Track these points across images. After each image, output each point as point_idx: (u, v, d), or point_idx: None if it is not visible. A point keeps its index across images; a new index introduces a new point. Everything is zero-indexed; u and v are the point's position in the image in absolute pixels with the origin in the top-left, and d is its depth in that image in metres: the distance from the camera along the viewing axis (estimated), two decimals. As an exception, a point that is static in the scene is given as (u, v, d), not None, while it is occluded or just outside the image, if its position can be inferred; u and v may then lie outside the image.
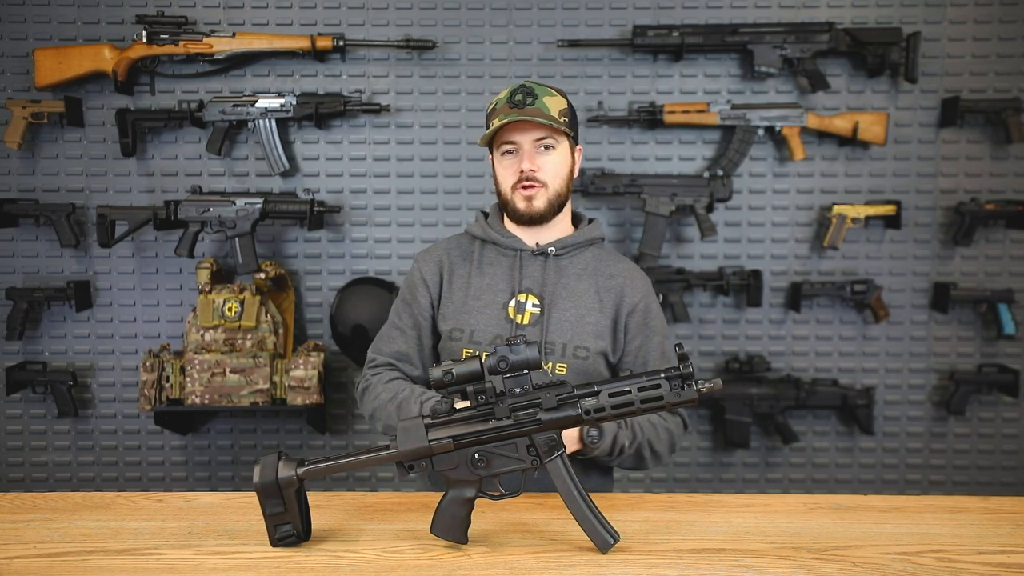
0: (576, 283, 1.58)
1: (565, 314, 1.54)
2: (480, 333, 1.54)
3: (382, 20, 2.56)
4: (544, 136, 1.51)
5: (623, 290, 1.58)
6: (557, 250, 1.58)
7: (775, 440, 2.67)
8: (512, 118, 1.47)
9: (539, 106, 1.49)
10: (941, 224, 2.62)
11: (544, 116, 1.48)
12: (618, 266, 1.62)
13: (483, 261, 1.60)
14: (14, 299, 2.56)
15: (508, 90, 1.53)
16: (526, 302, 1.55)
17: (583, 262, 1.60)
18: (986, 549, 1.21)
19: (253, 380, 2.44)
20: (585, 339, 1.54)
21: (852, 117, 2.51)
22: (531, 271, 1.57)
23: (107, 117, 2.57)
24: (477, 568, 1.14)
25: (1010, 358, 2.64)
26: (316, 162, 2.61)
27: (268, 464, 1.19)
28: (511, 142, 1.52)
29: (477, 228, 1.64)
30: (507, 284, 1.57)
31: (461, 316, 1.56)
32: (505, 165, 1.55)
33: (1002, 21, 2.55)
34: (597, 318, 1.56)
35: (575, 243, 1.60)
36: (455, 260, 1.62)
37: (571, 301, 1.56)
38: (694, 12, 2.55)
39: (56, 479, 2.70)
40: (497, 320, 1.54)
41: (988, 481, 2.68)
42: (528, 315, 1.54)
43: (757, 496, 1.53)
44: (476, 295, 1.57)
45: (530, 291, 1.56)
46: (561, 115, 1.52)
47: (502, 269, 1.58)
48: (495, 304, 1.56)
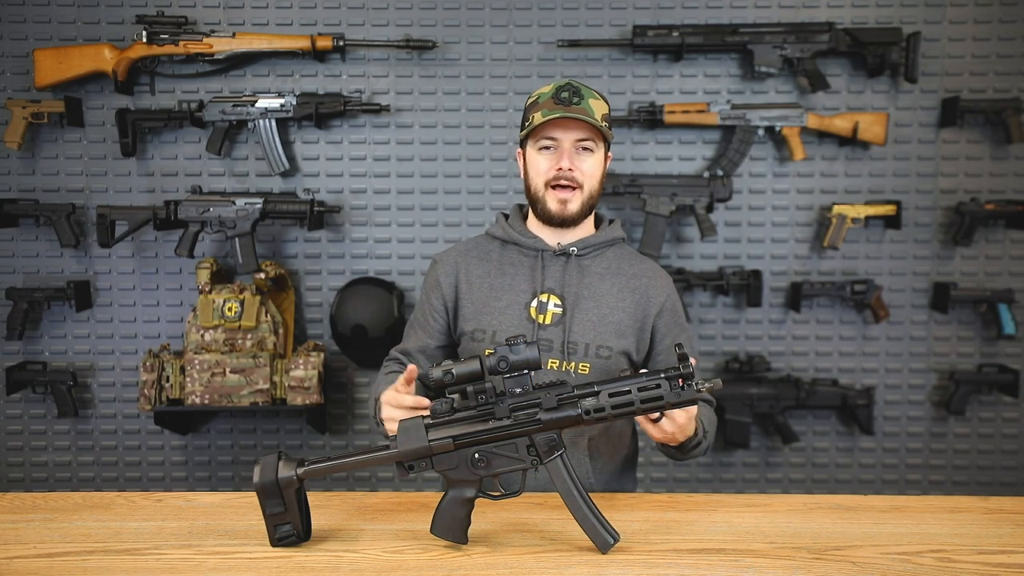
0: (599, 283, 1.57)
1: (587, 314, 1.54)
2: (502, 333, 1.54)
3: (382, 20, 2.56)
4: (586, 138, 1.51)
5: (648, 290, 1.58)
6: (579, 250, 1.58)
7: (775, 440, 2.67)
8: (560, 114, 1.46)
9: (585, 107, 1.48)
10: (941, 224, 2.62)
11: (590, 117, 1.48)
12: (641, 266, 1.62)
13: (504, 261, 1.60)
14: (14, 299, 2.56)
15: (553, 85, 1.51)
16: (548, 302, 1.54)
17: (605, 262, 1.60)
18: (986, 549, 1.21)
19: (253, 380, 2.44)
20: (608, 338, 1.53)
21: (852, 117, 2.51)
22: (553, 271, 1.57)
23: (107, 117, 2.57)
24: (477, 568, 1.14)
25: (1010, 358, 2.64)
26: (316, 162, 2.61)
27: (268, 464, 1.19)
28: (552, 138, 1.51)
29: (498, 230, 1.63)
30: (528, 284, 1.56)
31: (483, 317, 1.56)
32: (543, 159, 1.53)
33: (1002, 21, 2.55)
34: (620, 317, 1.55)
35: (597, 243, 1.59)
36: (472, 262, 1.61)
37: (593, 301, 1.55)
38: (694, 12, 2.55)
39: (56, 479, 2.70)
40: (519, 320, 1.54)
41: (988, 481, 2.68)
42: (550, 315, 1.54)
43: (757, 496, 1.53)
44: (497, 295, 1.57)
45: (552, 291, 1.55)
46: (603, 119, 1.51)
47: (524, 270, 1.58)
48: (516, 304, 1.55)
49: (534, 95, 1.55)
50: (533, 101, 1.53)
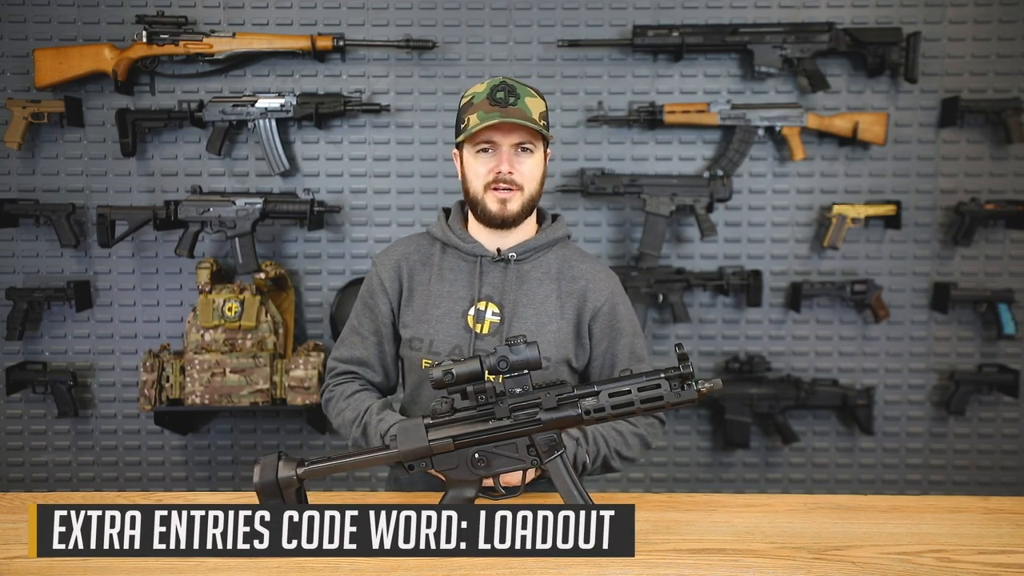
0: (537, 289, 1.51)
1: (525, 323, 1.48)
2: (439, 343, 1.48)
3: (382, 20, 2.56)
4: (524, 140, 1.44)
5: (586, 293, 1.51)
6: (518, 255, 1.51)
7: (775, 440, 2.67)
8: (497, 119, 1.40)
9: (521, 107, 1.42)
10: (941, 224, 2.62)
11: (527, 119, 1.41)
12: (582, 267, 1.54)
13: (444, 266, 1.53)
14: (14, 299, 2.56)
15: (487, 84, 1.45)
16: (486, 311, 1.48)
17: (545, 265, 1.53)
18: (986, 549, 1.21)
19: (253, 380, 2.44)
20: (546, 348, 1.46)
21: (852, 117, 2.51)
22: (491, 278, 1.50)
23: (107, 117, 2.57)
24: (477, 568, 1.14)
25: (1010, 358, 2.64)
26: (316, 162, 2.61)
27: (268, 464, 1.19)
28: (490, 141, 1.45)
29: (437, 229, 1.56)
30: (467, 291, 1.50)
31: (420, 325, 1.50)
32: (480, 163, 1.46)
33: (1002, 21, 2.55)
34: (559, 325, 1.49)
35: (536, 246, 1.52)
36: (414, 264, 1.55)
37: (532, 308, 1.49)
38: (694, 12, 2.55)
39: (56, 479, 2.70)
40: (456, 330, 1.48)
41: (988, 481, 2.68)
42: (488, 324, 1.48)
43: (757, 496, 1.53)
44: (436, 302, 1.50)
45: (490, 299, 1.49)
46: (541, 118, 1.45)
47: (463, 275, 1.52)
48: (454, 313, 1.49)
49: (468, 94, 1.48)
50: (467, 102, 1.47)
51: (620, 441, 1.46)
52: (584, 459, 1.41)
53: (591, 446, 1.42)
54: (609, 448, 1.45)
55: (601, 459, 1.44)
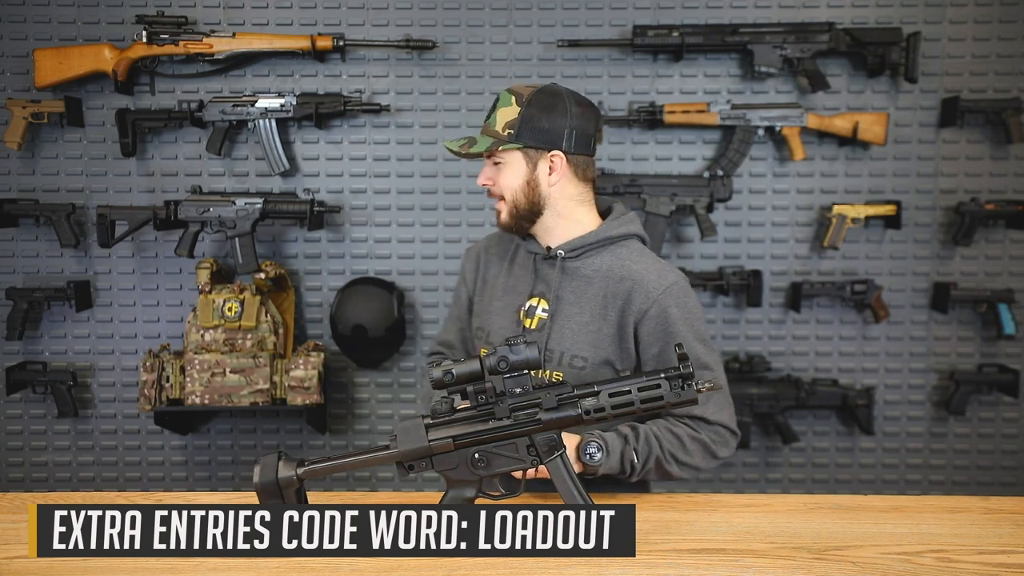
0: (586, 288, 1.50)
1: (568, 321, 1.49)
2: (495, 335, 1.56)
3: (382, 20, 2.56)
4: (492, 154, 1.50)
5: (631, 295, 1.47)
6: (567, 253, 1.52)
7: (775, 440, 2.67)
8: (455, 149, 1.50)
9: (491, 120, 1.48)
10: (941, 224, 2.62)
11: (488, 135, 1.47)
12: (634, 267, 1.49)
13: (515, 262, 1.61)
14: (14, 299, 2.56)
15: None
16: (537, 306, 1.53)
17: (597, 264, 1.51)
18: (986, 549, 1.21)
19: (253, 380, 2.44)
20: (582, 348, 1.47)
21: (852, 117, 2.51)
22: (546, 274, 1.54)
23: (107, 117, 2.57)
24: (477, 568, 1.14)
25: (1010, 358, 2.64)
26: (316, 162, 2.61)
27: (268, 464, 1.19)
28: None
29: None
30: (527, 287, 1.56)
31: (484, 315, 1.61)
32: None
33: (1002, 21, 2.55)
34: (599, 326, 1.48)
35: (585, 244, 1.51)
36: (492, 257, 1.66)
37: (577, 307, 1.49)
38: (694, 12, 2.55)
39: (56, 479, 2.70)
40: (509, 323, 1.55)
41: (988, 481, 2.68)
42: (537, 320, 1.52)
43: (757, 496, 1.53)
44: (500, 295, 1.59)
45: (543, 295, 1.53)
46: (506, 128, 1.45)
47: (526, 272, 1.58)
48: (511, 307, 1.56)
49: None
50: None
51: (676, 444, 1.42)
52: (632, 458, 1.37)
53: (642, 445, 1.39)
54: (663, 450, 1.41)
55: (654, 460, 1.40)
